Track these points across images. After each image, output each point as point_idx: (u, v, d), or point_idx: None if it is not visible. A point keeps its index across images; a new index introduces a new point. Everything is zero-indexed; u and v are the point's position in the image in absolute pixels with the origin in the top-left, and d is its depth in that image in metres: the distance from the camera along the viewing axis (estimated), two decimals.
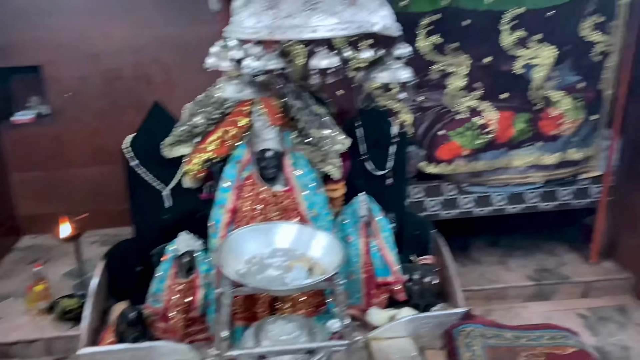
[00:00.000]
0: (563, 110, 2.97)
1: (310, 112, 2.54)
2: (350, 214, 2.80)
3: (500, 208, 3.19)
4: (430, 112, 3.13)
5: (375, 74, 1.85)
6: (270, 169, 2.52)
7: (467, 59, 2.91)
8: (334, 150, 2.53)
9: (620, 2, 2.83)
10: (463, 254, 3.50)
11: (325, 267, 1.96)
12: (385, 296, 2.85)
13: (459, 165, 3.00)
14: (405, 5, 2.77)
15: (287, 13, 1.50)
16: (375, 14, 1.57)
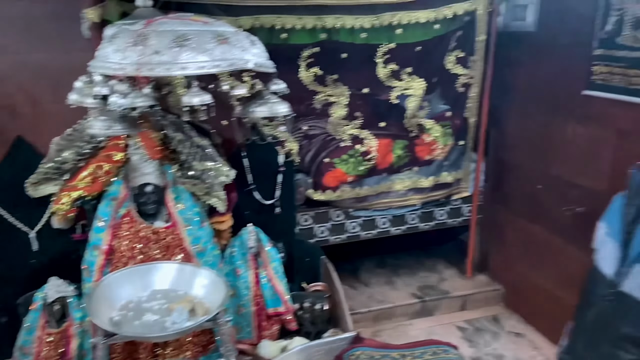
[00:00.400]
0: (435, 137, 3.19)
1: (192, 144, 2.46)
2: (238, 246, 2.75)
3: (385, 230, 3.33)
4: (316, 140, 3.20)
5: (253, 108, 1.86)
6: (150, 205, 2.40)
7: (346, 90, 3.03)
8: (219, 182, 2.48)
9: (478, 39, 3.13)
10: (353, 276, 3.60)
11: (208, 306, 1.90)
12: (277, 327, 2.83)
13: (345, 191, 3.09)
14: (286, 37, 2.83)
15: (154, 49, 1.46)
16: (247, 52, 1.57)
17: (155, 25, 1.55)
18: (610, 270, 1.16)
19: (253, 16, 2.73)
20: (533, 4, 3.01)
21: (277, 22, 2.78)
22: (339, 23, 2.86)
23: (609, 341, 1.13)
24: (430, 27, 3.03)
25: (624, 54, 2.46)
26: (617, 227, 1.17)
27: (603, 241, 1.20)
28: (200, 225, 2.49)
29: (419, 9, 2.95)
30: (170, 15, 1.71)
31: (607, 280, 1.16)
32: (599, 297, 1.18)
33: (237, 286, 2.74)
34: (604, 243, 1.19)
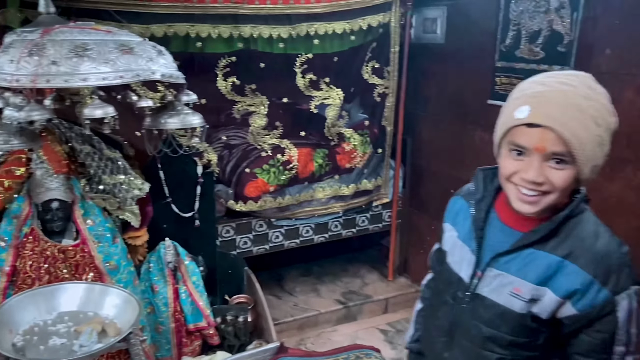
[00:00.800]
0: (354, 145, 3.26)
1: (101, 157, 2.36)
2: (155, 262, 2.66)
3: (309, 238, 3.35)
4: (236, 150, 3.18)
5: (165, 119, 1.80)
6: (56, 222, 2.26)
7: (265, 99, 3.03)
8: (132, 196, 2.39)
9: (392, 50, 3.24)
10: (278, 286, 3.59)
11: (120, 326, 1.81)
12: (198, 342, 2.75)
13: (267, 201, 3.08)
14: (201, 46, 2.79)
15: (51, 60, 1.38)
16: (154, 62, 1.53)
17: (53, 34, 1.47)
18: (465, 274, 1.19)
19: (165, 24, 2.67)
20: (441, 18, 3.17)
21: (192, 30, 2.73)
22: (256, 32, 2.86)
23: (471, 342, 1.18)
24: (346, 38, 3.10)
25: (522, 65, 2.65)
26: (467, 231, 1.20)
27: (455, 244, 1.25)
28: (112, 241, 2.38)
29: (335, 20, 3.01)
30: (70, 24, 1.63)
31: (464, 283, 1.19)
32: (457, 299, 1.21)
33: (155, 303, 2.64)
34: (456, 246, 1.24)
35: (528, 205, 1.05)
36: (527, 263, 1.09)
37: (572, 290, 1.04)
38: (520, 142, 1.03)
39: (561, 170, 1.01)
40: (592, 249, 1.04)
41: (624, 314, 1.03)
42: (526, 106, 1.01)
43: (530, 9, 2.58)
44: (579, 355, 1.10)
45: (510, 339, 1.12)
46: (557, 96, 1.00)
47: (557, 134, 0.98)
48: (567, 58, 2.41)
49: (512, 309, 1.10)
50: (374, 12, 3.11)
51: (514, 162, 1.05)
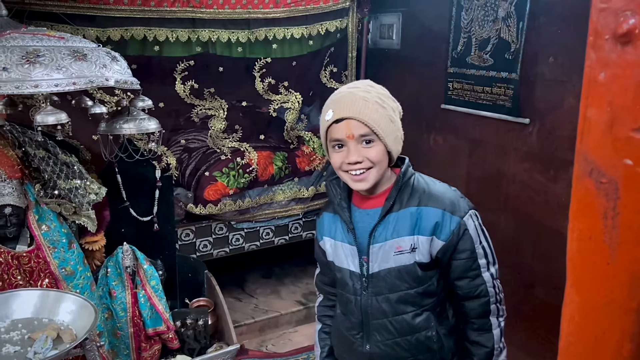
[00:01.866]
0: (313, 148, 3.31)
1: (56, 161, 2.33)
2: (113, 266, 2.64)
3: (269, 240, 3.38)
4: (196, 154, 3.18)
5: (120, 125, 1.81)
6: (9, 228, 2.22)
7: (224, 103, 3.05)
8: (88, 200, 2.36)
9: (349, 55, 3.31)
10: (239, 288, 3.60)
11: (76, 332, 1.80)
12: (157, 347, 2.74)
13: (226, 204, 3.09)
14: (159, 50, 2.78)
15: (2, 66, 1.37)
16: (107, 69, 1.54)
17: (4, 40, 1.45)
18: (354, 265, 1.38)
19: (122, 27, 2.66)
20: (397, 24, 3.26)
21: (149, 34, 2.73)
22: (214, 37, 2.88)
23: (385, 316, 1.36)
24: (305, 43, 3.15)
25: (472, 72, 2.76)
26: (341, 231, 1.40)
27: (335, 248, 1.43)
28: (68, 247, 2.36)
29: (293, 25, 3.06)
30: (22, 29, 1.62)
31: (356, 273, 1.38)
32: (357, 290, 1.39)
33: (113, 308, 2.62)
34: (337, 248, 1.42)
35: (361, 182, 1.30)
36: (395, 224, 1.33)
37: (433, 225, 1.30)
38: (335, 136, 1.29)
39: (372, 147, 1.28)
40: (434, 192, 1.34)
41: (473, 230, 1.32)
42: (330, 110, 1.29)
43: (480, 18, 2.69)
44: (457, 280, 1.36)
45: (413, 292, 1.34)
46: (347, 96, 1.29)
47: (357, 120, 1.25)
48: (514, 65, 2.53)
49: (403, 264, 1.33)
50: (332, 18, 3.18)
51: (339, 154, 1.30)
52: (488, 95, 2.65)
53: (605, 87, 0.63)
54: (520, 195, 2.57)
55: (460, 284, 1.36)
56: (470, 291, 1.35)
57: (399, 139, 1.34)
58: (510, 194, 2.61)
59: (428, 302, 1.36)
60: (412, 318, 1.36)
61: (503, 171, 2.62)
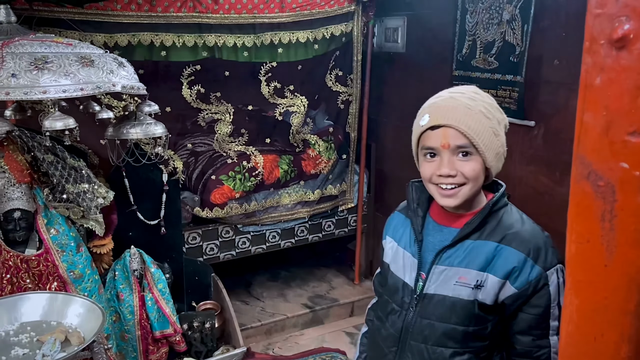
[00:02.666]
0: (319, 151, 3.33)
1: (65, 166, 2.35)
2: (120, 269, 2.66)
3: (275, 243, 3.39)
4: (202, 158, 3.20)
5: (127, 129, 1.83)
6: (19, 232, 2.24)
7: (230, 107, 3.07)
8: (96, 204, 2.39)
9: (355, 59, 3.33)
10: (246, 291, 3.62)
11: (84, 335, 1.82)
12: (165, 350, 2.76)
13: (233, 207, 3.11)
14: (165, 55, 2.81)
15: (11, 72, 1.40)
16: (114, 74, 1.56)
17: (13, 46, 1.48)
18: (410, 278, 1.28)
19: (130, 33, 2.69)
20: (402, 28, 3.27)
21: (156, 39, 2.75)
22: (221, 41, 2.90)
23: (424, 342, 1.24)
24: (310, 47, 3.17)
25: (477, 74, 2.76)
26: (407, 239, 1.31)
27: (396, 253, 1.34)
28: (77, 250, 2.38)
29: (298, 29, 3.08)
30: (30, 36, 1.64)
31: (409, 287, 1.28)
32: (404, 304, 1.29)
33: (121, 311, 2.65)
34: (397, 254, 1.33)
35: (449, 198, 1.19)
36: (469, 253, 1.20)
37: (510, 269, 1.15)
38: (429, 144, 1.18)
39: (468, 161, 1.16)
40: (521, 233, 1.18)
41: (554, 287, 1.16)
42: (426, 115, 1.18)
43: (485, 21, 2.70)
44: (519, 334, 1.20)
45: (461, 329, 1.21)
46: (448, 101, 1.17)
47: (455, 128, 1.13)
48: (519, 68, 2.53)
49: (461, 298, 1.19)
50: (337, 22, 3.19)
51: (430, 164, 1.19)
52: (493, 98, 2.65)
53: (601, 92, 0.63)
54: (526, 197, 2.57)
55: (522, 339, 1.20)
56: (531, 351, 1.19)
57: (502, 155, 1.21)
58: (516, 196, 2.61)
59: (475, 345, 1.21)
60: (451, 356, 1.22)
61: (509, 174, 2.62)
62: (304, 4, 3.06)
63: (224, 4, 2.85)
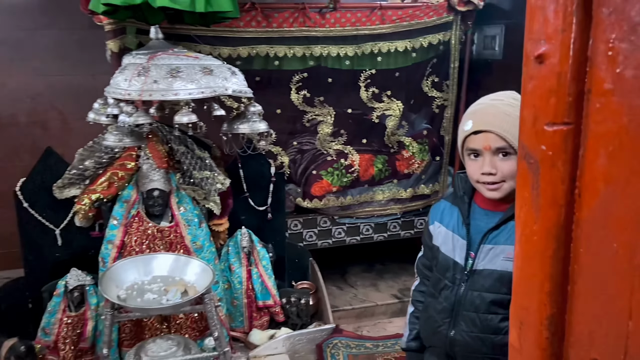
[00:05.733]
0: (413, 153, 3.55)
1: (193, 156, 2.88)
2: (233, 246, 3.15)
3: (369, 236, 3.68)
4: (307, 155, 3.60)
5: (237, 125, 2.26)
6: (157, 207, 2.80)
7: (332, 110, 3.43)
8: (215, 189, 2.88)
9: (452, 66, 3.50)
10: (341, 279, 3.95)
11: (198, 289, 2.28)
12: (266, 318, 3.20)
13: (330, 200, 3.47)
14: (279, 64, 3.25)
15: (153, 79, 1.87)
16: (228, 81, 1.98)
17: (156, 60, 1.97)
18: (460, 258, 1.44)
19: (250, 46, 3.17)
20: (499, 35, 3.38)
21: (271, 51, 3.20)
22: (325, 52, 3.27)
23: (476, 311, 1.39)
24: (408, 55, 3.41)
25: None
26: (455, 223, 1.47)
27: (446, 236, 1.50)
28: (199, 225, 2.90)
29: (397, 39, 3.34)
30: (169, 51, 2.13)
31: (460, 265, 1.44)
32: (455, 280, 1.45)
33: (232, 280, 3.13)
34: (447, 237, 1.49)
35: (493, 192, 1.37)
36: (512, 232, 1.34)
37: None
38: (472, 146, 1.36)
39: (507, 160, 1.32)
40: None
41: None
42: (469, 121, 1.36)
43: None
44: None
45: (509, 297, 1.40)
46: (489, 108, 1.35)
47: (495, 133, 1.30)
48: None
49: (508, 271, 1.36)
50: (435, 32, 3.40)
51: (474, 163, 1.38)
52: None
53: (531, 94, 0.86)
54: None
55: None
56: None
57: None
58: None
59: None
60: (500, 321, 1.38)
61: None
62: (403, 15, 3.32)
63: (330, 19, 3.22)
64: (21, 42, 3.76)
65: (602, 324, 0.83)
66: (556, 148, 0.85)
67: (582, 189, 0.83)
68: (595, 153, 0.80)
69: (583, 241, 0.84)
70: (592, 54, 0.78)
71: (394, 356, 2.90)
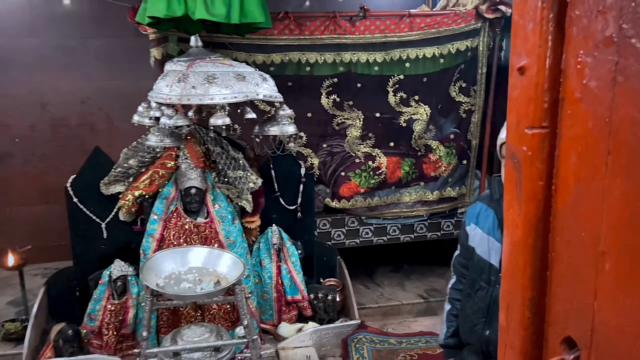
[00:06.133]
0: (440, 156, 3.64)
1: (228, 157, 3.07)
2: (264, 242, 3.31)
3: (395, 237, 3.78)
4: (337, 157, 3.74)
5: (268, 128, 2.42)
6: (193, 204, 3.00)
7: (361, 114, 3.55)
8: (247, 188, 3.06)
9: (479, 72, 3.57)
10: (369, 278, 4.06)
11: (229, 280, 2.45)
12: (295, 312, 3.34)
13: (358, 200, 3.59)
14: (310, 70, 3.41)
15: (192, 85, 2.05)
16: (259, 87, 2.14)
17: (194, 67, 2.15)
18: (495, 260, 1.51)
19: (283, 53, 3.33)
20: None
21: (303, 57, 3.36)
22: (355, 58, 3.41)
23: None
24: (436, 61, 3.51)
25: None
26: (490, 226, 1.52)
27: (481, 238, 1.56)
28: (232, 222, 3.08)
29: (425, 46, 3.44)
30: (207, 59, 2.31)
31: (495, 268, 1.50)
32: (490, 282, 1.51)
33: (262, 275, 3.29)
34: (482, 240, 1.55)
35: None
36: None
37: None
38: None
39: None
40: None
41: None
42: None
43: None
44: None
45: None
46: None
47: None
48: None
49: None
50: (463, 38, 3.48)
51: None
52: None
53: (515, 101, 0.98)
54: None
55: None
56: None
57: None
58: None
59: None
60: None
61: None
62: (431, 23, 3.42)
63: (360, 26, 3.35)
64: (73, 49, 4.05)
65: (573, 304, 0.93)
66: (535, 149, 0.96)
67: (558, 185, 0.94)
68: (567, 154, 0.91)
69: (558, 231, 0.95)
70: (565, 67, 0.90)
71: (416, 352, 3.00)
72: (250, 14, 2.19)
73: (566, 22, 0.86)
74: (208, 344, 2.38)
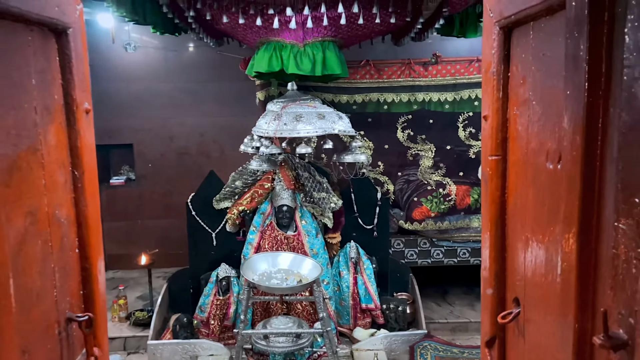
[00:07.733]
0: None
1: (314, 180, 3.66)
2: (343, 255, 3.83)
3: (466, 259, 4.11)
4: (412, 184, 4.19)
5: (343, 156, 2.98)
6: (285, 219, 3.61)
7: (433, 146, 3.99)
8: (329, 207, 3.61)
9: None
10: (441, 297, 4.39)
11: (309, 279, 3.00)
12: (368, 320, 3.79)
13: (429, 224, 3.99)
14: (387, 108, 3.94)
15: (284, 122, 2.67)
16: (336, 123, 2.71)
17: (287, 109, 2.77)
18: None
19: (364, 94, 3.90)
20: None
21: (381, 97, 3.90)
22: (428, 97, 3.88)
23: None
24: None
25: None
26: None
27: None
28: (316, 236, 3.64)
29: None
30: (297, 101, 2.94)
31: None
32: None
33: (340, 284, 3.80)
34: None
35: None
36: None
37: None
38: None
39: None
40: None
41: None
42: None
43: None
44: None
45: None
46: None
47: None
48: None
49: None
50: None
51: None
52: None
53: (484, 138, 1.44)
54: None
55: None
56: None
57: None
58: None
59: None
60: None
61: None
62: None
63: (432, 70, 3.83)
64: (196, 92, 4.96)
65: (515, 274, 1.36)
66: (494, 170, 1.42)
67: (508, 195, 1.38)
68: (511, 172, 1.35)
69: (510, 226, 1.39)
70: (509, 116, 1.36)
71: None
72: (330, 67, 2.79)
73: (509, 86, 1.33)
74: (291, 331, 2.92)
